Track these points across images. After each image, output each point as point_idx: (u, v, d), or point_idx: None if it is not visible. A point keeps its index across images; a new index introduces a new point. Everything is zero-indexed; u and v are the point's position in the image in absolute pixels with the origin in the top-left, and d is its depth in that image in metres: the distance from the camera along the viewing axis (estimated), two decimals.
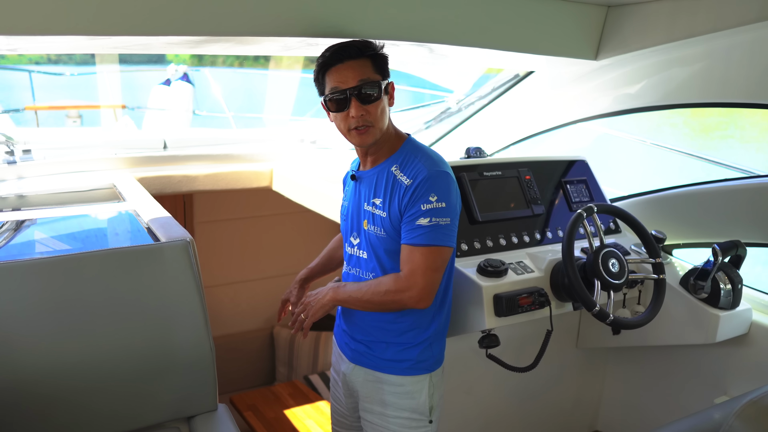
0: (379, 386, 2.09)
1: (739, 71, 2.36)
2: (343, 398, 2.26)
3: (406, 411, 2.06)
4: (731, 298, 2.44)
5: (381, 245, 1.98)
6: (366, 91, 1.89)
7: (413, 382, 2.06)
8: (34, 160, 3.17)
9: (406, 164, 1.96)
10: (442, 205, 1.87)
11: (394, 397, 2.06)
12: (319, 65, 1.96)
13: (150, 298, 2.01)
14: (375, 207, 1.99)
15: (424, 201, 1.87)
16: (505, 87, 3.39)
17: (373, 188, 2.01)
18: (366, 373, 2.11)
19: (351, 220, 2.11)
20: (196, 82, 6.94)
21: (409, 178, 1.92)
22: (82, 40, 2.15)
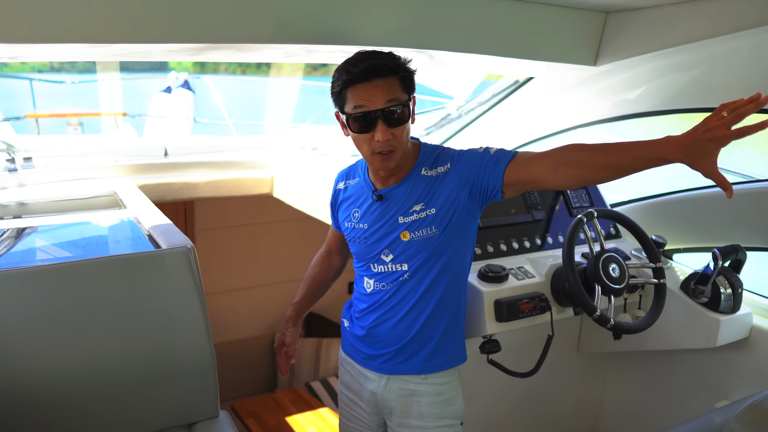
0: (415, 399, 2.03)
1: (738, 76, 2.37)
2: (368, 417, 2.17)
3: (444, 419, 2.04)
4: (732, 302, 2.45)
5: (431, 245, 1.90)
6: (395, 113, 1.78)
7: (449, 389, 2.04)
8: (35, 167, 3.17)
9: (432, 163, 1.93)
10: (486, 146, 1.90)
11: (432, 407, 2.02)
12: (343, 81, 1.81)
13: (151, 305, 2.01)
14: (417, 213, 1.90)
15: (473, 152, 1.89)
16: (505, 93, 3.40)
17: (409, 198, 1.92)
18: (399, 386, 2.04)
19: (378, 239, 1.98)
20: (197, 89, 6.98)
21: (443, 165, 1.90)
22: (83, 47, 2.16)
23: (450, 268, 1.96)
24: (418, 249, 1.93)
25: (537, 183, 1.80)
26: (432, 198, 1.90)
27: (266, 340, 4.73)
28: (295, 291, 2.41)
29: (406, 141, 1.87)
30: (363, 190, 2.04)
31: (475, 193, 1.86)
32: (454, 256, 1.96)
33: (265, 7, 2.07)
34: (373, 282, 2.02)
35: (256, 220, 4.36)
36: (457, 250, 1.96)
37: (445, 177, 1.89)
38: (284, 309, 4.68)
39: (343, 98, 1.84)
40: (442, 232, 1.91)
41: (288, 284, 4.60)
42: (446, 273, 1.96)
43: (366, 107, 1.78)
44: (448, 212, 1.89)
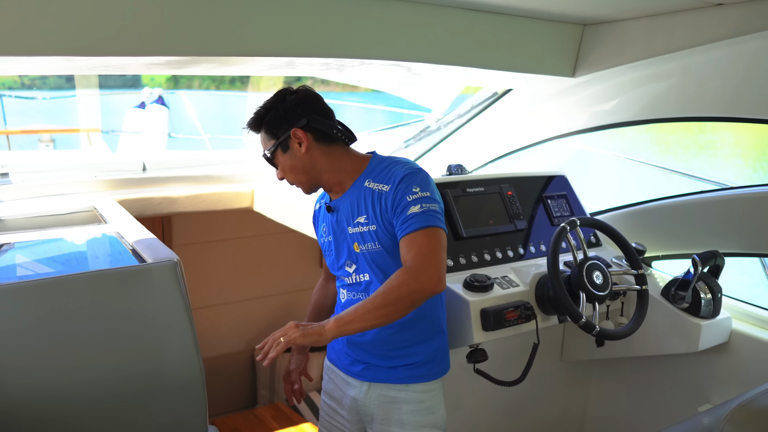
0: (396, 406, 2.05)
1: (714, 86, 2.43)
2: (349, 425, 2.18)
3: (425, 427, 2.04)
4: (711, 307, 2.50)
5: (380, 259, 1.97)
6: (272, 159, 2.06)
7: (431, 397, 2.06)
8: (12, 183, 3.13)
9: (378, 176, 1.97)
10: (426, 194, 1.90)
11: (414, 415, 2.04)
12: None
13: (138, 320, 1.99)
14: (361, 225, 1.98)
15: (408, 194, 1.89)
16: (484, 105, 3.44)
17: (353, 209, 2.00)
18: (381, 393, 2.07)
19: (338, 250, 2.08)
20: (171, 104, 6.94)
21: (387, 184, 1.93)
22: (60, 60, 2.14)
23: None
24: (371, 261, 1.99)
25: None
26: (373, 213, 1.96)
27: (246, 356, 4.69)
28: (276, 305, 2.48)
29: (299, 172, 2.03)
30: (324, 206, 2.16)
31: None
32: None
33: (248, 20, 2.08)
34: (346, 292, 2.11)
35: (236, 234, 4.33)
36: None
37: (383, 196, 1.94)
38: (264, 324, 4.70)
39: None
40: (386, 249, 1.96)
41: (268, 299, 4.57)
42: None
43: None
44: (387, 231, 1.94)
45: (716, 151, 9.69)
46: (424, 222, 1.85)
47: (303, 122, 1.97)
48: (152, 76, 7.17)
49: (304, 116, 1.98)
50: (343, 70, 2.77)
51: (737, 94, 2.39)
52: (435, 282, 1.80)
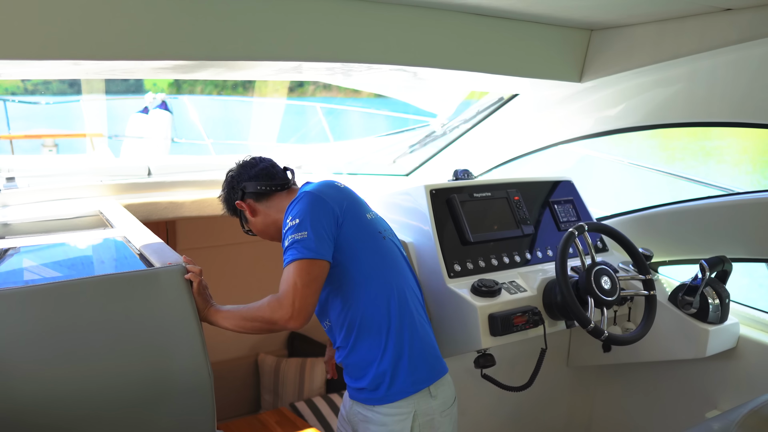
0: (365, 426, 2.07)
1: (722, 91, 2.43)
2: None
3: None
4: (720, 312, 2.49)
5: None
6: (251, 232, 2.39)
7: (396, 421, 2.01)
8: (18, 187, 3.13)
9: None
10: (296, 222, 1.95)
11: None
12: None
13: (146, 324, 1.98)
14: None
15: (284, 226, 1.99)
16: (491, 110, 3.44)
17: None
18: (358, 411, 2.09)
19: None
20: (174, 109, 6.93)
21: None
22: (68, 65, 2.14)
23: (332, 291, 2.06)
24: None
25: None
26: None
27: (249, 361, 4.68)
28: None
29: (266, 233, 2.32)
30: None
31: None
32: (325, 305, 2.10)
33: (256, 25, 2.08)
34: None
35: (240, 239, 4.32)
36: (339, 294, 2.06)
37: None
38: None
39: None
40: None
41: None
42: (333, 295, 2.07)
43: None
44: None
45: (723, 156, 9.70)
46: (289, 256, 1.95)
47: (240, 194, 2.25)
48: (155, 82, 7.17)
49: (239, 188, 2.25)
50: (350, 74, 2.77)
51: (745, 99, 2.39)
52: (287, 319, 1.91)
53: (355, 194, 2.15)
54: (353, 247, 2.01)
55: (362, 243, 2.04)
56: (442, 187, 2.53)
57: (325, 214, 1.97)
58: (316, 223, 1.94)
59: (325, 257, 1.93)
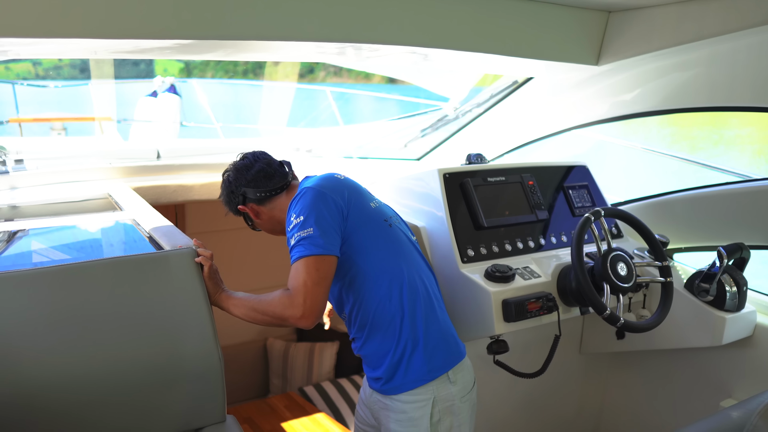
0: (385, 413, 2.05)
1: (744, 75, 2.38)
2: (373, 420, 2.19)
3: None
4: (737, 300, 2.46)
5: None
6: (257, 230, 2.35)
7: (415, 408, 1.99)
8: (27, 170, 3.11)
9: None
10: (300, 219, 1.93)
11: (397, 425, 2.02)
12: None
13: (156, 308, 1.96)
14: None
15: (289, 224, 1.97)
16: (504, 94, 3.39)
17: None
18: (377, 399, 2.08)
19: None
20: (183, 93, 6.92)
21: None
22: (78, 43, 2.12)
23: (356, 299, 2.02)
24: None
25: None
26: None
27: (258, 345, 4.68)
28: None
29: (273, 231, 2.29)
30: None
31: None
32: (351, 290, 2.04)
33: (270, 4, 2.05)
34: None
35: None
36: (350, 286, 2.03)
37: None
38: None
39: None
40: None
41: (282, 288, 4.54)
42: (355, 303, 2.03)
43: None
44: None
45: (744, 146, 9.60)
46: (296, 254, 1.93)
47: (241, 199, 2.22)
48: (165, 67, 7.15)
49: (239, 193, 2.22)
50: (361, 56, 2.73)
51: (765, 83, 2.33)
52: (297, 318, 1.88)
53: (357, 184, 2.13)
54: (360, 238, 1.99)
55: (369, 233, 2.01)
56: (456, 171, 2.50)
57: (328, 209, 1.94)
58: (321, 218, 1.92)
59: (332, 252, 1.90)
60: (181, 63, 7.36)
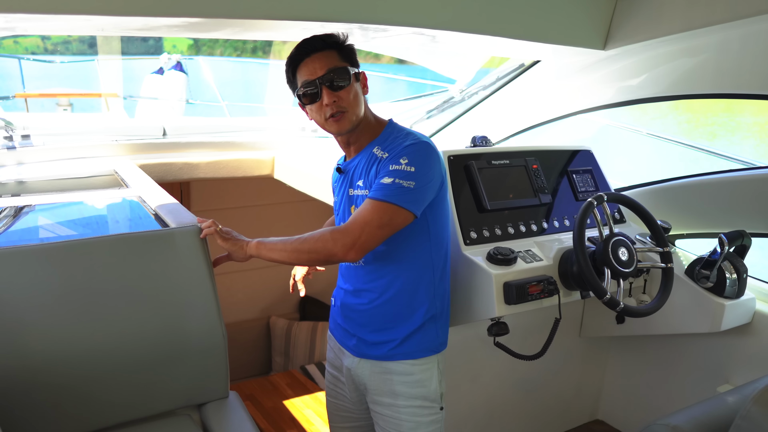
0: (387, 377, 2.07)
1: (753, 62, 2.37)
2: (348, 393, 2.23)
3: (417, 399, 2.05)
4: (737, 287, 2.47)
5: None
6: (335, 78, 1.92)
7: (422, 370, 2.05)
8: (34, 145, 3.13)
9: (386, 143, 1.98)
10: (411, 169, 1.85)
11: (405, 386, 2.05)
12: (287, 64, 1.99)
13: (162, 284, 1.99)
14: (359, 188, 2.00)
15: (393, 162, 1.87)
16: (511, 77, 3.38)
17: (357, 172, 2.02)
18: (372, 365, 2.09)
19: (343, 212, 2.11)
20: (190, 71, 6.90)
21: (388, 152, 1.93)
22: (84, 20, 2.11)
23: (402, 258, 2.00)
24: None
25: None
26: (369, 179, 1.95)
27: (261, 323, 4.73)
28: (292, 274, 2.53)
29: (356, 105, 1.96)
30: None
31: None
32: (405, 246, 1.99)
33: None
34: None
35: (255, 202, 4.33)
36: (407, 240, 1.98)
37: (379, 163, 1.93)
38: (280, 293, 4.71)
39: (295, 81, 2.00)
40: None
41: (284, 267, 4.54)
42: (398, 261, 2.00)
43: (309, 79, 1.93)
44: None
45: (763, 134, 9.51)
46: (383, 195, 1.84)
47: (358, 70, 2.01)
48: (174, 43, 7.12)
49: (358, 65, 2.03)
50: (368, 36, 2.72)
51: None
52: (346, 249, 1.82)
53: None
54: (441, 207, 2.03)
55: (446, 204, 2.07)
56: (460, 154, 2.50)
57: (435, 171, 1.93)
58: (427, 177, 1.89)
59: (415, 211, 1.87)
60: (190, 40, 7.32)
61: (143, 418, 1.99)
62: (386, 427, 2.10)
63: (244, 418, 2.00)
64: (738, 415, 1.53)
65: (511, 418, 2.96)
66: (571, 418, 3.19)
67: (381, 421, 2.12)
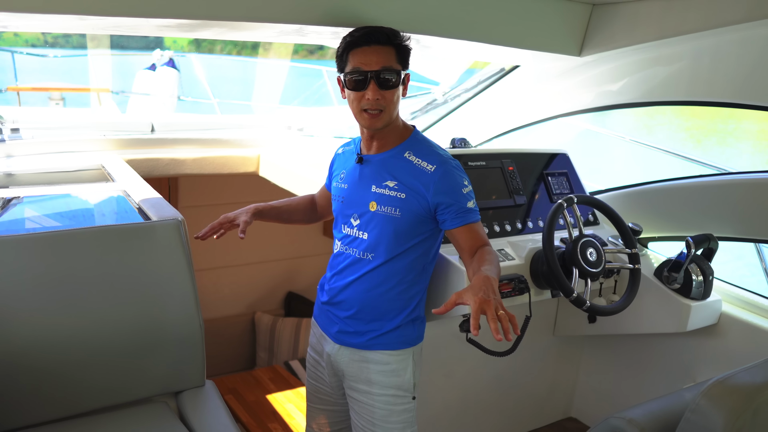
0: (364, 365, 2.14)
1: (726, 71, 2.43)
2: (327, 377, 2.30)
3: (391, 388, 2.12)
4: (702, 289, 2.54)
5: (391, 226, 2.02)
6: (386, 77, 1.94)
7: (398, 360, 2.12)
8: (23, 138, 3.18)
9: (420, 152, 2.04)
10: (471, 188, 2.03)
11: (380, 375, 2.12)
12: (346, 43, 2.00)
13: (141, 275, 2.05)
14: (389, 189, 2.03)
15: (462, 186, 2.00)
16: (491, 80, 3.45)
17: (384, 171, 2.05)
18: (351, 353, 2.16)
19: (351, 201, 2.13)
20: (182, 67, 6.94)
21: (431, 164, 2.00)
22: (73, 19, 2.17)
23: (406, 260, 2.07)
24: (380, 224, 2.04)
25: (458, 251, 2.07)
26: (406, 183, 2.01)
27: (246, 319, 4.77)
28: (277, 271, 2.54)
29: (394, 107, 2.01)
30: (352, 155, 2.18)
31: (434, 213, 2.03)
32: (413, 250, 2.07)
33: None
34: (340, 244, 2.17)
35: (241, 199, 4.37)
36: (417, 246, 2.07)
37: (426, 175, 2.00)
38: (266, 289, 4.76)
39: (345, 60, 2.00)
40: (403, 219, 2.02)
41: (270, 264, 4.63)
42: (402, 262, 2.07)
43: (362, 68, 1.95)
44: (414, 205, 2.00)
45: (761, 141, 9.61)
46: (476, 216, 2.03)
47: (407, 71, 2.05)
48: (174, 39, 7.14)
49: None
50: None
51: (748, 79, 2.39)
52: None
53: None
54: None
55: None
56: None
57: None
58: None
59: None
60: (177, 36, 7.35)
61: (121, 404, 2.05)
62: (361, 412, 2.17)
63: (219, 405, 2.06)
64: (688, 409, 1.60)
65: (486, 414, 3.03)
66: (545, 415, 3.26)
67: (356, 407, 2.19)
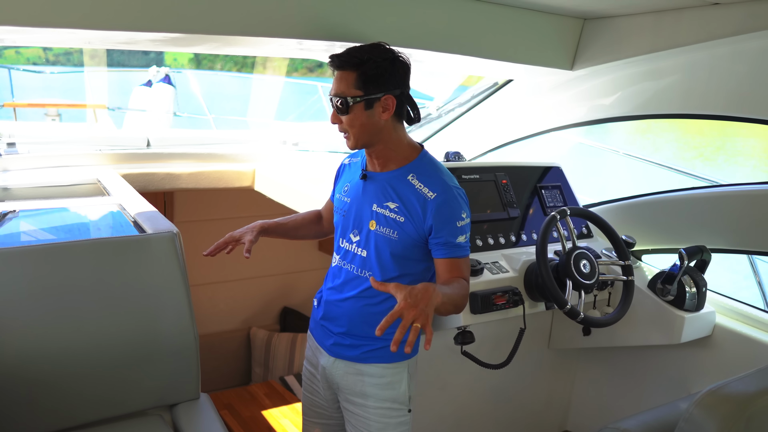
0: (359, 378, 2.14)
1: (718, 84, 2.45)
2: (323, 391, 2.29)
3: (387, 401, 2.12)
4: (696, 300, 2.55)
5: (388, 247, 2.02)
6: (337, 104, 1.95)
7: (393, 373, 2.12)
8: (19, 153, 3.19)
9: (423, 176, 2.01)
10: (468, 221, 2.00)
11: (375, 388, 2.12)
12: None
13: (137, 288, 2.05)
14: (389, 210, 2.02)
15: (458, 219, 1.97)
16: (485, 95, 3.49)
17: (386, 192, 2.03)
18: (346, 365, 2.15)
19: (353, 217, 2.12)
20: (178, 84, 6.98)
21: (432, 191, 1.98)
22: (67, 33, 2.19)
23: (405, 281, 2.03)
24: (378, 244, 2.04)
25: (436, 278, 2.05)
26: (407, 207, 2.00)
27: (242, 334, 4.76)
28: (273, 286, 2.53)
29: (361, 130, 1.96)
30: (358, 169, 2.16)
31: (427, 237, 2.02)
32: (410, 271, 2.06)
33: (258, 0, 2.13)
34: (338, 258, 2.17)
35: (236, 213, 4.39)
36: (414, 266, 2.06)
37: (426, 202, 1.98)
38: (261, 304, 4.76)
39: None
40: (400, 242, 2.01)
41: (265, 279, 4.63)
42: (400, 282, 2.01)
43: (330, 93, 1.99)
44: (410, 229, 2.00)
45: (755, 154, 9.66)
46: (466, 252, 2.01)
47: (397, 92, 1.95)
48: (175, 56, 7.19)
49: (400, 87, 1.96)
50: None
51: (739, 92, 2.41)
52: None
53: None
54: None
55: None
56: None
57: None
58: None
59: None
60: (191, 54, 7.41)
61: (116, 417, 2.05)
62: (357, 425, 2.16)
63: (214, 418, 2.06)
64: (681, 418, 1.61)
65: (481, 427, 3.02)
66: (541, 428, 3.25)
67: (352, 420, 2.18)
